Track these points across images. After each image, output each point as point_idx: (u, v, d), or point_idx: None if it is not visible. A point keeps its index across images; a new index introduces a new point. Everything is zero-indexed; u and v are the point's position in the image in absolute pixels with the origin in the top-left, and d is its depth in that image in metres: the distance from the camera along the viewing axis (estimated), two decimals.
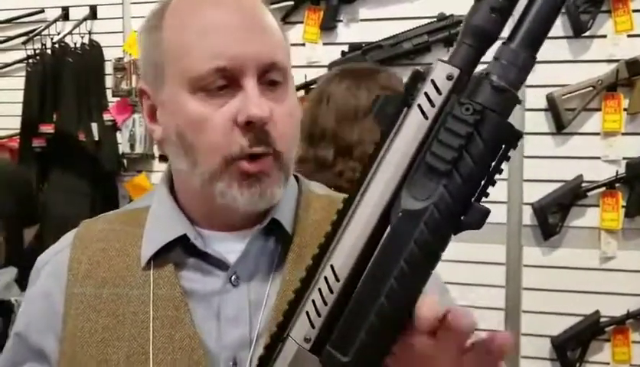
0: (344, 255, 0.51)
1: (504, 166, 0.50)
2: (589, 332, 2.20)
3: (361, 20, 2.37)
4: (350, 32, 2.39)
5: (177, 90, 0.69)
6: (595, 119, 2.20)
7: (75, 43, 2.69)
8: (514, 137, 0.49)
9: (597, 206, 2.21)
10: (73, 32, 2.68)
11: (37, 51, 2.72)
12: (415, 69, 0.52)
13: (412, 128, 0.50)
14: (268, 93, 0.69)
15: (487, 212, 0.49)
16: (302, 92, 2.37)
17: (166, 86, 0.70)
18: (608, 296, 2.19)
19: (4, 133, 2.85)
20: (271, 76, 0.69)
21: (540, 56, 1.81)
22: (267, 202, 0.70)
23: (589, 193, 2.19)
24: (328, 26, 2.37)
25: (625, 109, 2.16)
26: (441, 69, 0.50)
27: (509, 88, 0.49)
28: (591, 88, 2.16)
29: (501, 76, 0.49)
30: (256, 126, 0.67)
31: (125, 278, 0.73)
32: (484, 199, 0.50)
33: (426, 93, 0.50)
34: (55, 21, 2.72)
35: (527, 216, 2.26)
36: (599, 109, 2.19)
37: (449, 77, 0.50)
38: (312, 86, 2.37)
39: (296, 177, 0.82)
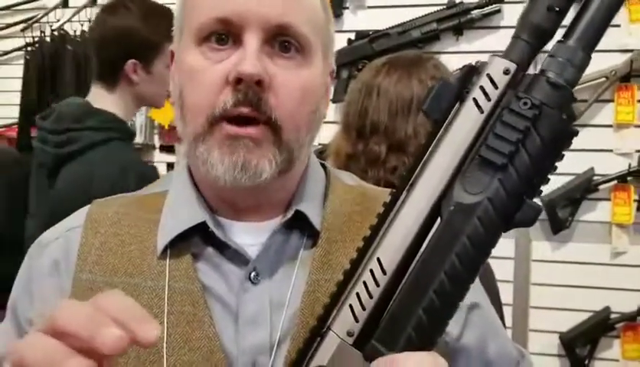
0: (392, 248, 0.50)
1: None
2: (598, 328, 2.20)
3: (369, 7, 2.36)
4: (357, 19, 2.37)
5: (186, 44, 0.66)
6: (607, 111, 2.19)
7: (75, 31, 2.67)
8: (570, 134, 0.49)
9: (608, 199, 2.20)
10: (73, 19, 2.67)
11: (36, 39, 2.70)
12: (469, 63, 0.52)
13: (467, 120, 0.50)
14: (278, 59, 0.64)
15: (540, 210, 0.49)
16: None
17: (182, 40, 0.68)
18: (619, 291, 2.19)
19: (3, 122, 2.84)
20: (282, 39, 0.64)
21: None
22: (251, 176, 0.63)
23: (600, 187, 2.19)
24: (334, 13, 2.31)
25: (638, 101, 2.15)
26: (497, 64, 0.50)
27: (566, 85, 0.49)
28: (604, 79, 2.14)
29: (558, 73, 0.49)
30: (247, 86, 0.61)
31: (139, 267, 0.67)
32: None
33: (481, 87, 0.50)
34: (54, 8, 2.72)
35: None
36: (611, 101, 2.18)
37: (506, 72, 0.50)
38: None
39: (324, 166, 0.76)
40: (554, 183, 2.19)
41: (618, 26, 2.13)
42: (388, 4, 2.32)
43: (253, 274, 0.66)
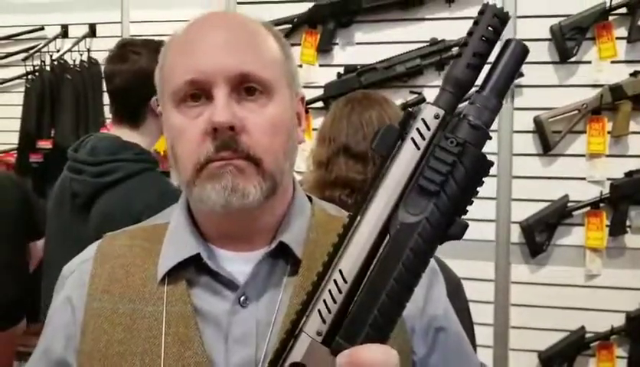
0: (351, 261, 0.60)
1: (489, 188, 0.59)
2: (574, 347, 2.27)
3: (357, 43, 2.44)
4: (345, 54, 2.45)
5: (167, 106, 0.74)
6: (580, 141, 2.28)
7: (74, 61, 2.74)
8: (487, 165, 0.60)
9: (582, 225, 2.28)
10: (73, 49, 2.74)
11: (37, 68, 2.76)
12: (407, 110, 0.63)
13: (407, 156, 0.60)
14: (245, 103, 0.71)
15: (466, 225, 0.59)
16: None
17: (164, 103, 0.76)
18: (593, 312, 2.26)
19: (2, 148, 2.89)
20: (246, 85, 0.71)
21: (527, 80, 1.94)
22: (240, 198, 0.70)
23: (574, 213, 2.27)
24: (324, 48, 2.44)
25: (608, 132, 2.25)
26: (429, 111, 0.61)
27: (483, 126, 0.60)
28: (576, 111, 2.24)
29: (476, 116, 0.60)
30: (222, 133, 0.69)
31: (141, 294, 0.75)
32: (470, 216, 0.60)
33: (417, 129, 0.60)
34: (55, 38, 2.78)
35: (515, 235, 2.33)
36: (584, 132, 2.27)
37: (436, 116, 0.60)
38: (308, 106, 2.43)
39: (310, 199, 0.83)
40: (532, 209, 2.29)
41: (589, 63, 2.25)
42: (375, 40, 2.41)
43: (242, 299, 0.73)
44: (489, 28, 0.60)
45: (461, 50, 0.61)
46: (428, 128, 0.60)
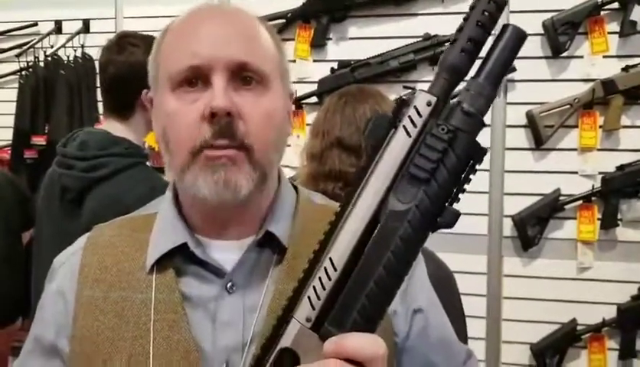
0: (341, 249, 0.60)
1: (482, 182, 0.58)
2: (566, 339, 2.29)
3: (350, 38, 2.45)
4: (339, 50, 2.46)
5: (163, 90, 0.74)
6: (572, 136, 2.30)
7: (68, 56, 2.73)
8: (480, 153, 0.59)
9: (574, 218, 2.30)
10: (66, 45, 2.73)
11: (30, 64, 2.76)
12: (400, 97, 0.62)
13: (398, 144, 0.60)
14: (243, 92, 0.73)
15: (458, 214, 0.59)
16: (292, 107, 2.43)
17: (158, 88, 0.76)
18: (585, 305, 2.28)
19: None
20: (244, 74, 0.73)
21: (520, 75, 1.96)
22: (232, 192, 0.71)
23: (566, 206, 2.29)
24: (318, 43, 2.44)
25: (600, 126, 2.27)
26: (422, 98, 0.60)
27: (477, 113, 0.59)
28: (568, 106, 2.25)
29: (471, 103, 0.59)
30: (220, 118, 0.70)
31: (130, 282, 0.77)
32: (463, 210, 0.59)
33: (409, 116, 0.60)
34: (48, 34, 2.78)
35: (508, 228, 2.35)
36: (575, 126, 2.29)
37: (428, 104, 0.59)
38: (302, 101, 2.45)
39: (295, 188, 0.85)
40: (524, 203, 2.31)
41: (581, 57, 2.26)
42: (368, 35, 2.42)
43: (229, 285, 0.75)
44: (485, 13, 0.59)
45: (456, 36, 0.60)
46: (420, 116, 0.59)
